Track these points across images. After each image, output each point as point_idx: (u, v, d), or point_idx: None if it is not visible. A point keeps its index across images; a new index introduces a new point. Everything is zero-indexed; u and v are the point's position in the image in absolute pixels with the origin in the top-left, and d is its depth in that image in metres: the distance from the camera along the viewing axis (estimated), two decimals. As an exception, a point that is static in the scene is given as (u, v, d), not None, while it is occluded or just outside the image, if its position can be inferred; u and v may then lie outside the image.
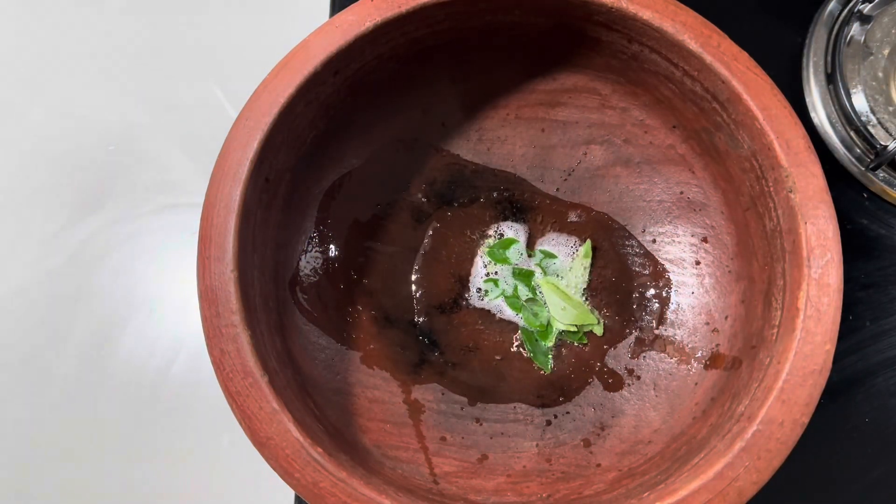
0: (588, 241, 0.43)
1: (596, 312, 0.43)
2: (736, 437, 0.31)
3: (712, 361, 0.39)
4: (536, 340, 0.43)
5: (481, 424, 0.40)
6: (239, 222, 0.34)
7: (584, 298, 0.43)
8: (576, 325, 0.42)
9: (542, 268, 0.43)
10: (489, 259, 0.44)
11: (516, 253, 0.44)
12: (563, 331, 0.42)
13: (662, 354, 0.41)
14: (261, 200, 0.36)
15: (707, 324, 0.40)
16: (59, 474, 0.47)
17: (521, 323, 0.43)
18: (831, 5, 0.49)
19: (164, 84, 0.53)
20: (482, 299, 0.44)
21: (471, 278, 0.44)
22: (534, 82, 0.43)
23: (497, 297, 0.43)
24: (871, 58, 0.47)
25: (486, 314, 0.43)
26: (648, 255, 0.43)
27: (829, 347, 0.32)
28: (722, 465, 0.31)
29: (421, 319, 0.43)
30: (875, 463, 0.44)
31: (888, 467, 0.44)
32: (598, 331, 0.42)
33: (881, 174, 0.47)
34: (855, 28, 0.48)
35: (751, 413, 0.32)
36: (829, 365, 0.32)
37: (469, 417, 0.40)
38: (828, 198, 0.33)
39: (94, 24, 0.54)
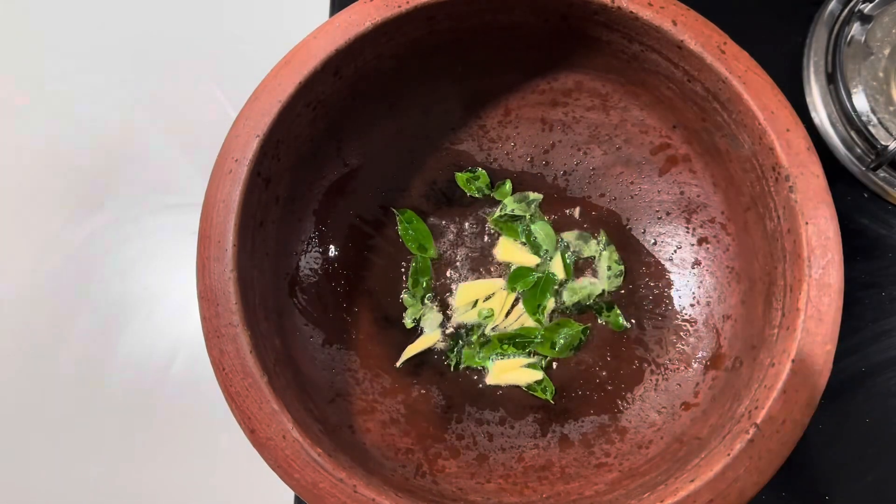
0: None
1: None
2: (736, 437, 0.31)
3: (713, 362, 0.39)
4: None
5: (481, 425, 0.40)
6: (238, 222, 0.33)
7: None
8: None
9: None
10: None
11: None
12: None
13: (663, 355, 0.41)
14: (260, 200, 0.36)
15: (707, 324, 0.40)
16: (59, 474, 0.47)
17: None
18: (832, 5, 0.49)
19: (164, 84, 0.53)
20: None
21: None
22: (534, 82, 0.43)
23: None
24: (872, 58, 0.47)
25: (487, 314, 0.43)
26: (649, 256, 0.43)
27: (830, 348, 0.32)
28: (722, 466, 0.31)
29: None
30: (875, 463, 0.44)
31: (889, 467, 0.44)
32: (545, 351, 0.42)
33: (882, 174, 0.47)
34: (855, 28, 0.48)
35: (751, 413, 0.32)
36: (830, 365, 0.32)
37: (469, 418, 0.40)
38: (828, 198, 0.33)
39: (94, 24, 0.54)
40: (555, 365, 0.42)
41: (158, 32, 0.54)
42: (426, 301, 0.43)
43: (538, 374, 0.41)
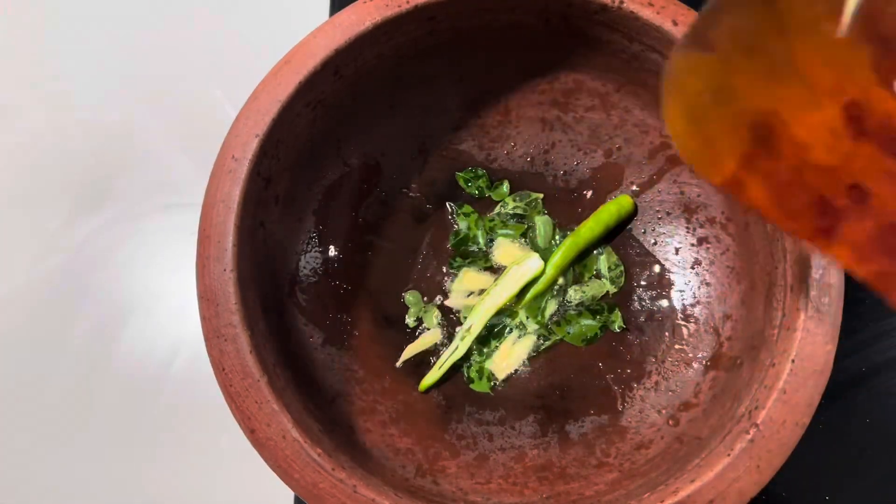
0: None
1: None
2: (737, 438, 0.31)
3: (713, 362, 0.39)
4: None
5: (481, 425, 0.40)
6: (238, 222, 0.33)
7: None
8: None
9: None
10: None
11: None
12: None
13: (663, 355, 0.41)
14: (260, 200, 0.36)
15: (708, 324, 0.40)
16: (58, 474, 0.47)
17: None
18: (832, 5, 0.49)
19: (164, 84, 0.53)
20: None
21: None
22: (534, 82, 0.43)
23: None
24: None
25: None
26: (649, 255, 0.43)
27: (831, 348, 0.32)
28: (723, 466, 0.31)
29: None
30: (876, 463, 0.44)
31: (889, 468, 0.44)
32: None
33: (882, 174, 0.47)
34: (856, 28, 0.48)
35: (752, 414, 0.32)
36: (831, 365, 0.32)
37: (469, 418, 0.40)
38: (829, 198, 0.33)
39: (94, 24, 0.54)
40: (555, 364, 0.42)
41: (158, 32, 0.54)
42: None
43: (530, 340, 0.42)
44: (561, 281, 0.43)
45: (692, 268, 0.42)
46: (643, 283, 0.43)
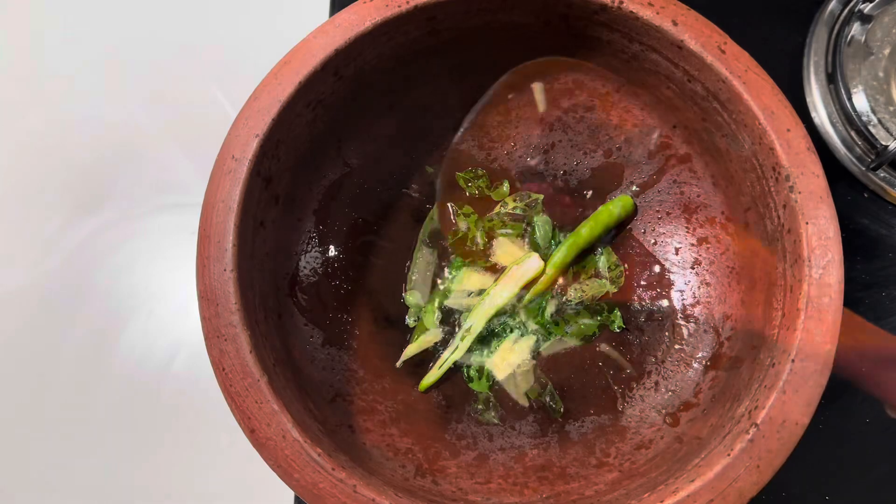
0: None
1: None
2: (736, 437, 0.31)
3: (713, 362, 0.39)
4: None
5: (481, 425, 0.40)
6: (238, 222, 0.33)
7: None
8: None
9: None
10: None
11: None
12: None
13: (663, 355, 0.41)
14: (260, 200, 0.36)
15: (708, 324, 0.40)
16: (59, 474, 0.47)
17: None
18: (832, 5, 0.49)
19: (164, 84, 0.53)
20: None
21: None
22: (534, 82, 0.43)
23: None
24: (872, 57, 0.47)
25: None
26: (649, 256, 0.43)
27: (830, 348, 0.32)
28: (722, 466, 0.31)
29: (421, 319, 0.43)
30: (875, 463, 0.44)
31: (888, 467, 0.44)
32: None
33: (882, 174, 0.47)
34: (856, 28, 0.48)
35: (751, 414, 0.32)
36: (830, 365, 0.32)
37: (469, 418, 0.40)
38: (829, 198, 0.33)
39: (94, 24, 0.54)
40: (555, 364, 0.42)
41: (158, 32, 0.54)
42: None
43: (530, 341, 0.42)
44: (561, 281, 0.43)
45: (692, 268, 0.42)
46: (643, 283, 0.43)
